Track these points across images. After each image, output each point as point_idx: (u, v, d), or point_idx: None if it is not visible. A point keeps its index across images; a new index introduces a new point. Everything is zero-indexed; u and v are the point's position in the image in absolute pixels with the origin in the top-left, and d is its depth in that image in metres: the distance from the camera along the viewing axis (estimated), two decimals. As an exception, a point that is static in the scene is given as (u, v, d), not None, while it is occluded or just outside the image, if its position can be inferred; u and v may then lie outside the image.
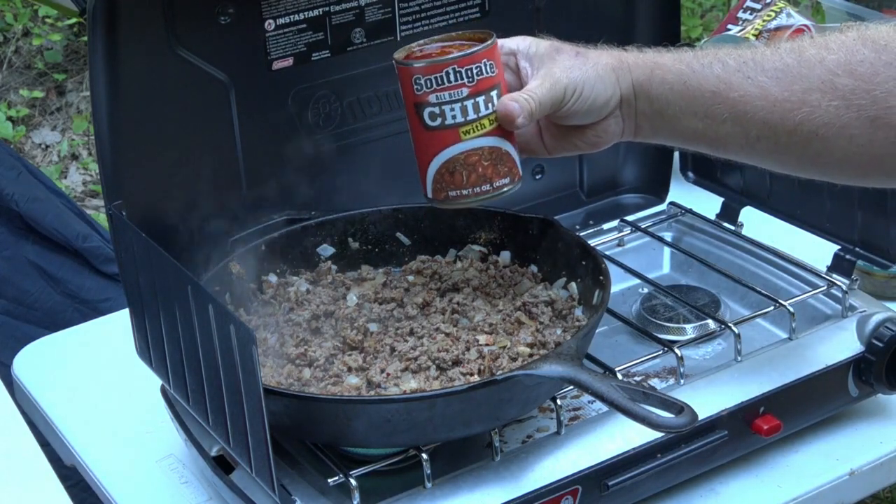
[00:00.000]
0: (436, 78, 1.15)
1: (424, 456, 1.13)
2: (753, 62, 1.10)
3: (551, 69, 1.16)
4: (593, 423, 1.22)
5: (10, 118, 3.89)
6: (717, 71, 1.11)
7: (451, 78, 1.15)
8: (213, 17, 1.29)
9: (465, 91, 1.16)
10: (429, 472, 1.13)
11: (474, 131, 1.17)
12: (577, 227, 1.57)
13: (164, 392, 1.29)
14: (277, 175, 1.39)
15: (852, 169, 1.09)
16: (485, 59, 1.16)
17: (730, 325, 1.32)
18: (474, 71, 1.15)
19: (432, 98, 1.16)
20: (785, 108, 1.08)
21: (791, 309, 1.33)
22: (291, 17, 1.33)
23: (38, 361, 1.56)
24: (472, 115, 1.16)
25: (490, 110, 1.16)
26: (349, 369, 1.20)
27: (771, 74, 1.08)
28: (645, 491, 1.22)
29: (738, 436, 1.26)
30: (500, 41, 1.18)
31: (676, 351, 1.27)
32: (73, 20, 4.01)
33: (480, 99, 1.16)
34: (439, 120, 1.16)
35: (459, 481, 1.15)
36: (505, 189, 1.20)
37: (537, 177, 1.58)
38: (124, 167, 1.27)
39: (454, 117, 1.16)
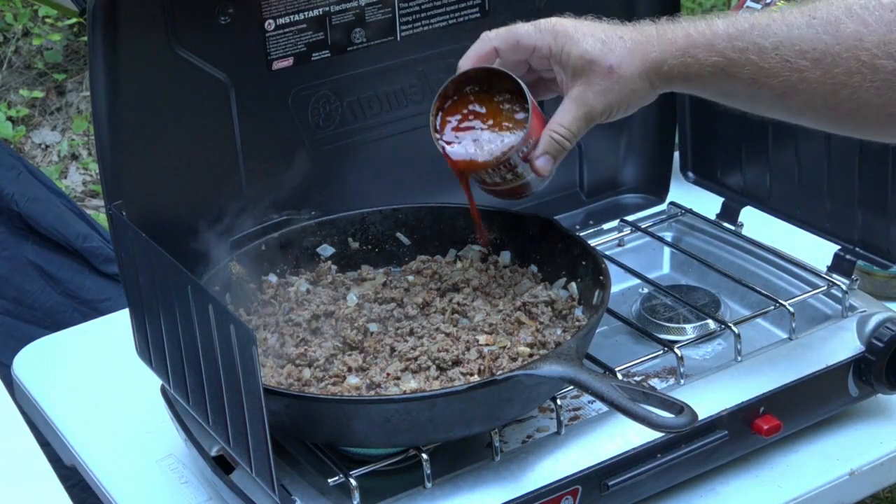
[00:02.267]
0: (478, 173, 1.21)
1: (424, 456, 1.13)
2: (790, 42, 1.08)
3: (585, 93, 1.15)
4: (593, 423, 1.22)
5: (10, 118, 3.89)
6: (752, 58, 1.10)
7: (491, 173, 1.20)
8: (213, 17, 1.29)
9: (506, 174, 1.20)
10: (429, 472, 1.13)
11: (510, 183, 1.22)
12: (577, 227, 1.57)
13: (164, 392, 1.29)
14: (277, 175, 1.39)
15: (892, 131, 1.10)
16: (523, 147, 1.17)
17: (730, 325, 1.32)
18: (513, 160, 1.18)
19: (475, 176, 1.22)
20: (826, 91, 1.07)
21: (791, 309, 1.33)
22: (291, 17, 1.33)
23: (38, 361, 1.56)
24: (509, 176, 1.20)
25: (524, 169, 1.20)
26: (349, 369, 1.20)
27: (810, 56, 1.07)
28: (645, 491, 1.22)
29: (738, 436, 1.26)
30: (522, 39, 1.18)
31: (676, 351, 1.27)
32: (73, 20, 4.01)
33: (519, 166, 1.19)
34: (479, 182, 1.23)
35: (459, 481, 1.15)
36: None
37: (537, 177, 1.58)
38: (124, 167, 1.27)
39: (495, 181, 1.22)
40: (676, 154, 1.64)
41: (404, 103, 1.43)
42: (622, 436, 1.20)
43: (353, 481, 1.11)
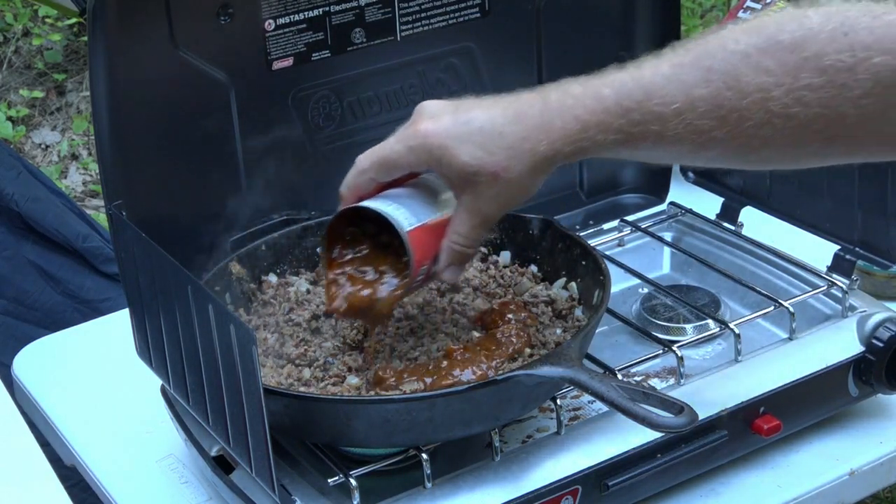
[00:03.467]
0: None
1: (424, 456, 1.13)
2: (691, 105, 1.00)
3: (475, 203, 1.09)
4: (593, 423, 1.22)
5: (10, 118, 3.89)
6: (654, 129, 1.01)
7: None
8: (213, 17, 1.29)
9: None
10: (429, 472, 1.13)
11: None
12: (577, 227, 1.57)
13: (164, 392, 1.29)
14: (277, 175, 1.39)
15: (810, 163, 1.07)
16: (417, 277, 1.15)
17: (730, 325, 1.32)
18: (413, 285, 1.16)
19: None
20: (738, 144, 1.01)
21: (791, 309, 1.33)
22: (291, 17, 1.33)
23: (38, 361, 1.56)
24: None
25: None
26: (349, 369, 1.20)
27: (715, 115, 0.99)
28: (645, 491, 1.22)
29: (738, 436, 1.26)
30: (395, 163, 1.11)
31: (676, 351, 1.27)
32: (73, 20, 4.01)
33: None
34: None
35: (459, 481, 1.15)
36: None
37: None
38: (124, 167, 1.27)
39: None
40: (676, 154, 1.63)
41: (404, 103, 1.43)
42: (622, 436, 1.19)
43: (353, 481, 1.11)
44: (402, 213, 1.13)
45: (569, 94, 1.04)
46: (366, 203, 1.14)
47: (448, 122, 1.06)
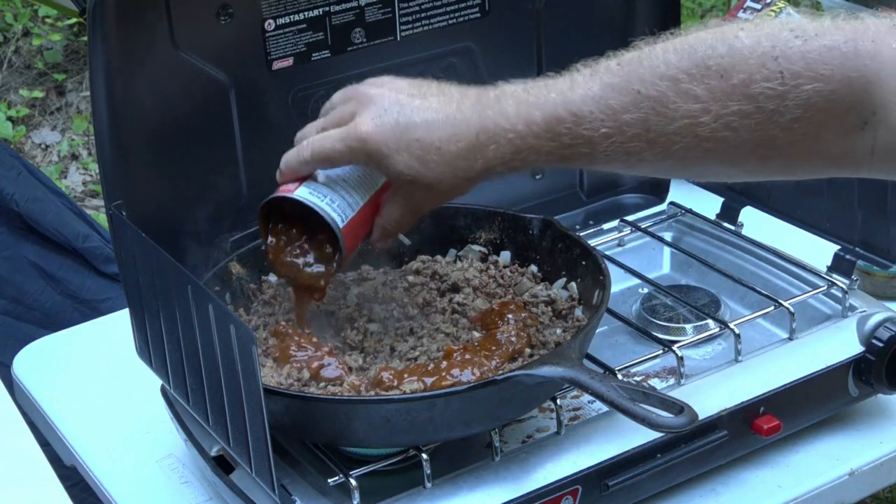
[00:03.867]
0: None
1: (424, 456, 1.13)
2: (620, 130, 1.00)
3: (411, 195, 1.13)
4: (593, 423, 1.22)
5: (10, 118, 3.89)
6: (584, 151, 1.03)
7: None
8: (213, 17, 1.29)
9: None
10: (429, 472, 1.13)
11: None
12: (577, 227, 1.57)
13: (164, 392, 1.29)
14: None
15: (754, 176, 1.08)
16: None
17: (730, 325, 1.32)
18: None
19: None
20: (669, 164, 1.02)
21: (791, 309, 1.33)
22: (291, 17, 1.33)
23: (38, 361, 1.56)
24: None
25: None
26: (349, 369, 1.20)
27: (644, 138, 1.00)
28: (645, 491, 1.22)
29: (738, 436, 1.26)
30: (336, 161, 1.15)
31: (676, 351, 1.27)
32: (73, 20, 4.01)
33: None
34: None
35: (459, 481, 1.15)
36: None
37: (537, 177, 1.58)
38: (124, 167, 1.27)
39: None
40: (676, 154, 1.63)
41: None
42: (622, 436, 1.19)
43: (353, 481, 1.11)
44: (337, 205, 1.17)
45: (503, 115, 1.06)
46: (300, 196, 1.17)
47: (389, 128, 1.09)
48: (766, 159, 0.99)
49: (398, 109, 1.09)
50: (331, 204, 1.17)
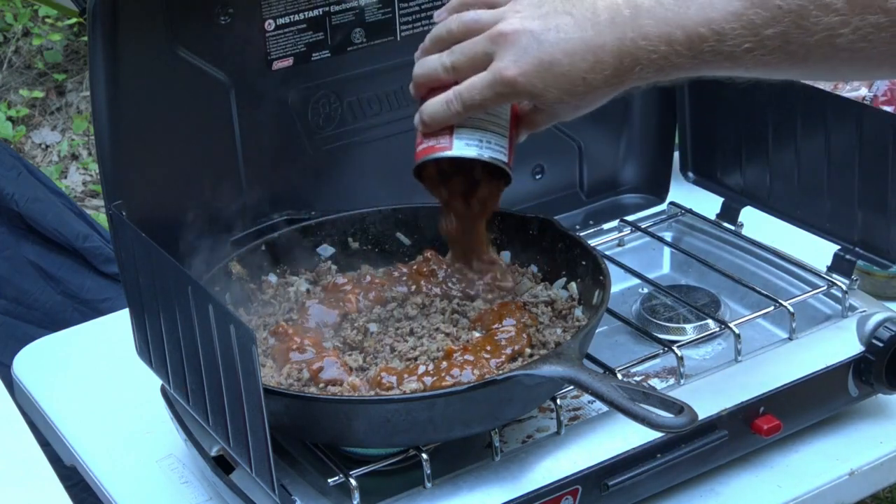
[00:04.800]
0: None
1: (424, 456, 1.13)
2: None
3: (556, 112, 1.14)
4: (593, 423, 1.22)
5: (10, 118, 3.89)
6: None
7: None
8: (213, 17, 1.29)
9: None
10: (429, 472, 1.13)
11: None
12: (577, 227, 1.57)
13: (164, 392, 1.29)
14: (277, 175, 1.39)
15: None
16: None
17: (730, 325, 1.32)
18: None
19: None
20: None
21: (791, 309, 1.33)
22: (291, 17, 1.33)
23: (38, 361, 1.56)
24: None
25: None
26: (349, 369, 1.20)
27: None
28: (645, 491, 1.22)
29: (738, 436, 1.26)
30: None
31: (676, 351, 1.27)
32: (73, 20, 4.01)
33: None
34: None
35: (459, 481, 1.15)
36: None
37: (537, 177, 1.58)
38: (124, 167, 1.27)
39: None
40: (676, 154, 1.64)
41: (404, 103, 1.43)
42: (622, 436, 1.20)
43: (353, 481, 1.11)
44: (494, 143, 1.18)
45: (644, 37, 1.05)
46: (469, 154, 1.17)
47: (533, 68, 1.09)
48: None
49: (537, 46, 1.08)
50: (490, 147, 1.17)
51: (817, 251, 1.44)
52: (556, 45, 1.08)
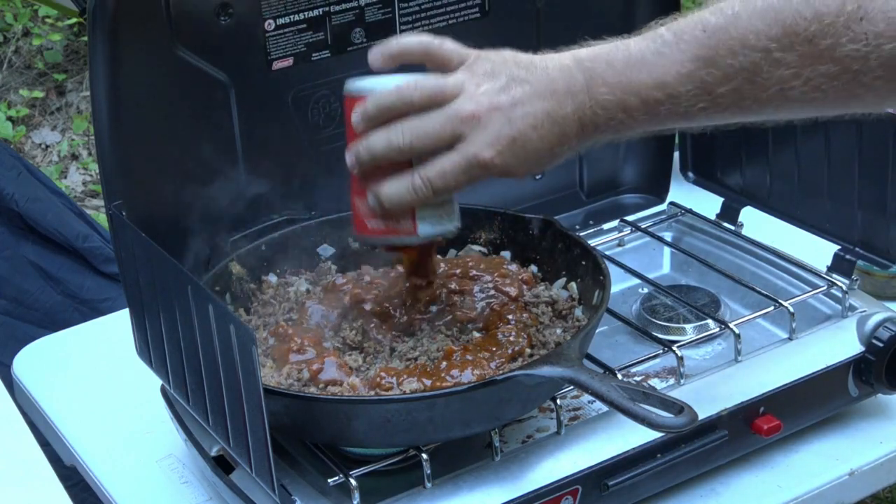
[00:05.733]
0: None
1: (424, 456, 1.13)
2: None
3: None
4: (593, 423, 1.22)
5: (10, 118, 3.89)
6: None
7: None
8: (213, 17, 1.29)
9: None
10: (429, 472, 1.13)
11: None
12: (577, 227, 1.57)
13: (164, 392, 1.29)
14: (277, 175, 1.39)
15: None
16: None
17: (730, 325, 1.32)
18: None
19: None
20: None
21: (791, 309, 1.33)
22: (291, 17, 1.33)
23: (38, 361, 1.56)
24: None
25: None
26: (349, 369, 1.20)
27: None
28: (645, 491, 1.22)
29: (738, 436, 1.26)
30: None
31: (676, 351, 1.27)
32: (73, 20, 4.01)
33: None
34: None
35: (459, 481, 1.15)
36: None
37: (537, 177, 1.58)
38: (124, 167, 1.27)
39: None
40: (676, 154, 1.64)
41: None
42: (622, 436, 1.19)
43: (353, 481, 1.11)
44: (455, 214, 1.16)
45: (602, 107, 1.05)
46: (431, 235, 1.15)
47: (507, 148, 1.06)
48: (849, 108, 1.02)
49: (508, 124, 1.06)
50: (450, 218, 1.15)
51: (817, 251, 1.44)
52: (524, 119, 1.06)
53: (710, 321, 1.38)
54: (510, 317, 1.24)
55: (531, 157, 1.07)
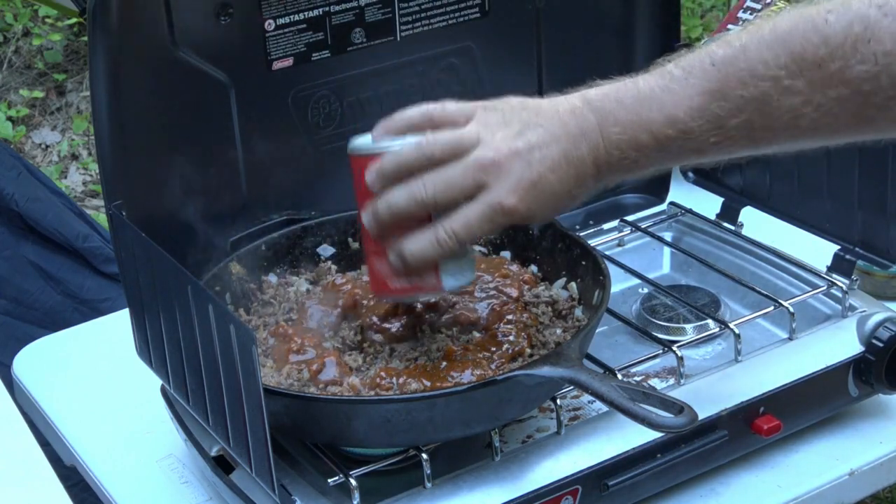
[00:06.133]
0: None
1: (424, 456, 1.13)
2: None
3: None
4: (593, 423, 1.22)
5: (10, 118, 3.89)
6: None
7: None
8: (213, 17, 1.29)
9: None
10: (429, 472, 1.13)
11: None
12: (577, 227, 1.57)
13: (164, 392, 1.29)
14: (277, 175, 1.39)
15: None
16: None
17: (730, 325, 1.32)
18: None
19: None
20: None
21: (791, 309, 1.33)
22: (291, 17, 1.33)
23: (38, 361, 1.56)
24: None
25: None
26: (349, 370, 1.20)
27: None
28: (645, 491, 1.22)
29: (738, 436, 1.26)
30: None
31: (676, 351, 1.27)
32: (73, 20, 4.01)
33: None
34: None
35: (459, 481, 1.15)
36: None
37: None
38: (124, 167, 1.27)
39: None
40: (676, 154, 1.63)
41: (404, 103, 1.43)
42: (622, 436, 1.19)
43: (353, 481, 1.11)
44: (471, 267, 1.17)
45: (614, 146, 1.04)
46: (455, 287, 1.16)
47: (529, 193, 1.05)
48: (863, 133, 1.01)
49: (528, 168, 1.05)
50: (470, 269, 1.16)
51: (817, 251, 1.44)
52: (542, 162, 1.05)
53: (710, 321, 1.38)
54: (510, 317, 1.24)
55: (550, 200, 1.06)
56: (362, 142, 1.14)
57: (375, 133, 1.13)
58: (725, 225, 1.55)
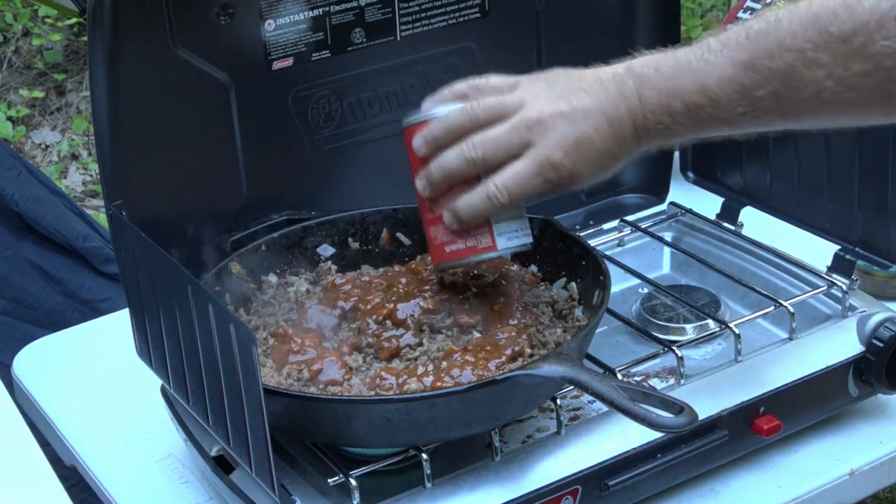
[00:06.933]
0: None
1: (424, 456, 1.13)
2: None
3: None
4: (593, 423, 1.22)
5: (10, 118, 3.89)
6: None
7: None
8: (213, 17, 1.29)
9: None
10: (429, 472, 1.13)
11: None
12: (577, 227, 1.57)
13: (164, 392, 1.29)
14: (277, 175, 1.39)
15: None
16: None
17: (730, 325, 1.32)
18: None
19: None
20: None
21: (791, 309, 1.33)
22: (291, 17, 1.33)
23: (38, 361, 1.56)
24: None
25: None
26: (349, 370, 1.20)
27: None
28: (645, 491, 1.22)
29: (738, 436, 1.26)
30: None
31: (676, 351, 1.27)
32: (73, 20, 4.01)
33: None
34: None
35: (459, 481, 1.15)
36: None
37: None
38: (124, 167, 1.27)
39: None
40: (676, 154, 1.63)
41: (404, 103, 1.43)
42: (622, 436, 1.20)
43: (353, 481, 1.11)
44: (525, 229, 1.21)
45: (650, 110, 1.09)
46: (510, 249, 1.19)
47: (574, 149, 1.10)
48: (888, 112, 1.04)
49: (572, 127, 1.10)
50: (525, 231, 1.20)
51: (817, 251, 1.44)
52: (585, 121, 1.10)
53: (710, 321, 1.38)
54: (510, 317, 1.24)
55: (594, 158, 1.11)
56: (410, 115, 1.18)
57: (425, 106, 1.18)
58: (725, 225, 1.55)
